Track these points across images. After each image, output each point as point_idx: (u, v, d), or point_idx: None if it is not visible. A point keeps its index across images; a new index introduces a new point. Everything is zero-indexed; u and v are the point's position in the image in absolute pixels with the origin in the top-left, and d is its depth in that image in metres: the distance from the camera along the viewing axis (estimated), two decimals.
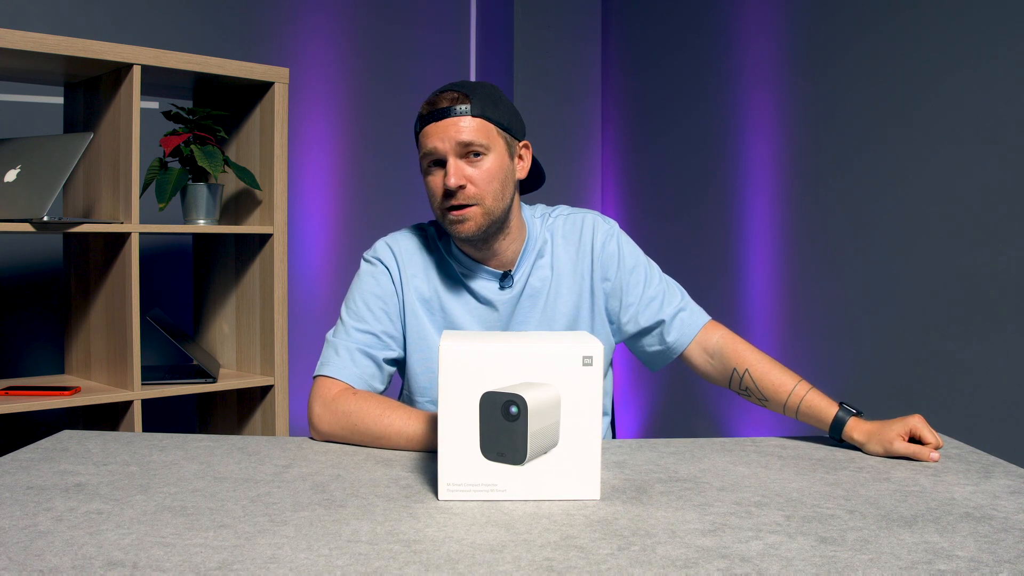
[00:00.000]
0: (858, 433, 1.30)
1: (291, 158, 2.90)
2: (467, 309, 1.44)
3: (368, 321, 1.41)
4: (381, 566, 0.83)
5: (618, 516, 0.99)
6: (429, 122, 1.35)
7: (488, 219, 1.36)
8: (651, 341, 1.47)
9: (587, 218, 1.49)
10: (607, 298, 1.47)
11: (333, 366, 1.38)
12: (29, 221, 1.90)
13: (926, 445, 1.26)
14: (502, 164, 1.37)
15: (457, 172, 1.33)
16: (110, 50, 2.00)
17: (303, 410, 3.01)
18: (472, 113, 1.34)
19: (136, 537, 0.89)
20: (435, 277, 1.44)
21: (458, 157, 1.34)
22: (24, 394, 2.01)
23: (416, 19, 3.34)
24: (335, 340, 1.40)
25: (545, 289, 1.45)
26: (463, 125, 1.33)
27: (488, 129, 1.35)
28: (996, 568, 0.84)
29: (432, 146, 1.35)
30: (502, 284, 1.44)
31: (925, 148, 2.19)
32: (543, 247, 1.46)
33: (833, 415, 1.32)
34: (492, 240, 1.40)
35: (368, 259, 1.46)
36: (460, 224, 1.35)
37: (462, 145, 1.33)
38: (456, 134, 1.33)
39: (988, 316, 2.03)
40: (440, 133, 1.34)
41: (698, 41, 3.05)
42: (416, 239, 1.47)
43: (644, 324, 1.46)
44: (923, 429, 1.26)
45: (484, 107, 1.35)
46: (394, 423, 1.28)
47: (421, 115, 1.38)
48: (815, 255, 2.55)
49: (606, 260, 1.46)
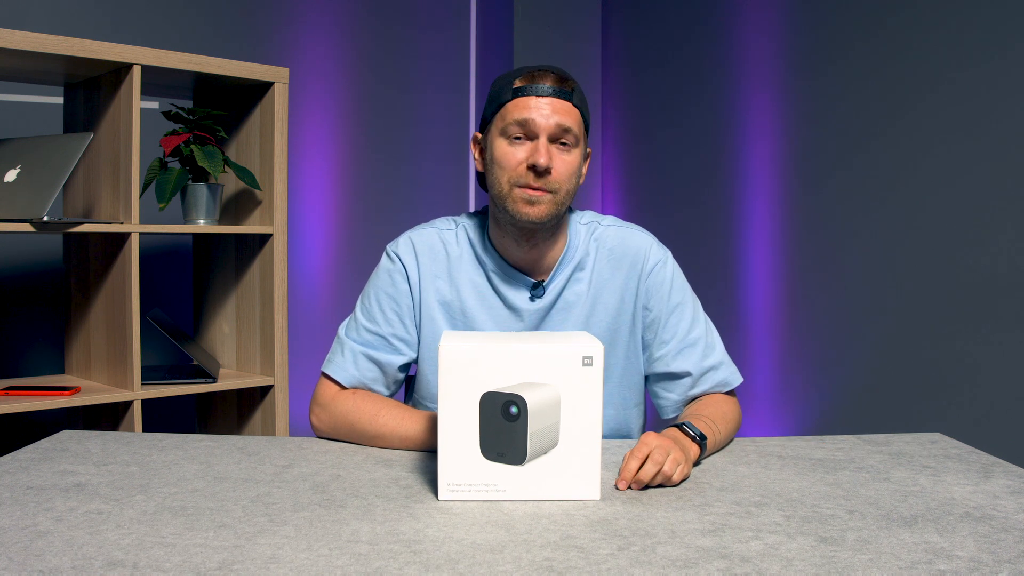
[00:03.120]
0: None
1: (291, 158, 2.90)
2: (491, 315, 1.36)
3: (378, 322, 1.37)
4: (381, 566, 0.83)
5: (618, 516, 0.99)
6: (530, 94, 1.26)
7: (557, 211, 1.28)
8: (672, 388, 1.39)
9: (641, 238, 1.40)
10: (645, 328, 1.39)
11: (336, 366, 1.37)
12: (29, 221, 1.90)
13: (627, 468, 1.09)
14: (578, 162, 1.31)
15: (548, 152, 1.25)
16: (110, 50, 2.00)
17: (303, 410, 3.01)
18: (574, 102, 1.28)
19: (136, 537, 0.89)
20: (459, 278, 1.37)
21: (551, 140, 1.27)
22: (24, 394, 2.01)
23: (416, 19, 3.34)
24: (344, 337, 1.39)
25: (579, 304, 1.37)
26: (566, 110, 1.27)
27: (581, 122, 1.30)
28: (996, 568, 0.83)
29: (529, 117, 1.26)
30: (533, 294, 1.36)
31: (925, 147, 2.19)
32: (584, 259, 1.38)
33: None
34: (540, 235, 1.33)
35: (389, 254, 1.40)
36: (532, 205, 1.26)
37: (561, 129, 1.26)
38: (558, 116, 1.26)
39: (988, 316, 2.03)
40: (543, 108, 1.26)
41: (698, 41, 3.05)
42: (444, 235, 1.39)
43: (675, 369, 1.37)
44: (633, 452, 1.10)
45: (582, 102, 1.30)
46: (388, 423, 1.28)
47: (519, 85, 1.28)
48: (815, 254, 2.55)
49: (652, 287, 1.38)
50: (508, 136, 1.28)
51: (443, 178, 3.42)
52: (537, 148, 1.26)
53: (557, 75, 1.29)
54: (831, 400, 2.48)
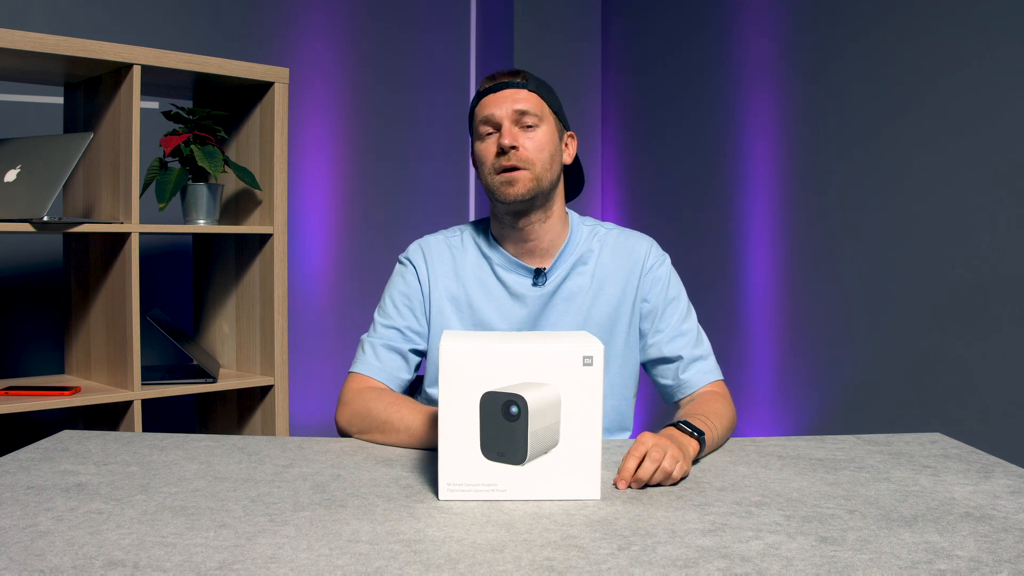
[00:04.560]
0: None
1: (291, 158, 2.90)
2: (496, 306, 1.46)
3: (393, 317, 1.48)
4: (381, 566, 0.83)
5: (618, 516, 0.99)
6: (488, 94, 1.43)
7: (536, 185, 1.39)
8: (665, 373, 1.48)
9: (643, 240, 1.53)
10: (642, 318, 1.49)
11: (360, 363, 1.46)
12: (29, 221, 1.90)
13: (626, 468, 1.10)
14: (552, 138, 1.43)
15: (511, 134, 1.39)
16: (110, 50, 2.00)
17: (303, 410, 3.02)
18: (528, 88, 1.42)
19: (136, 537, 0.89)
20: (466, 274, 1.48)
21: (513, 124, 1.40)
22: (24, 394, 2.01)
23: (416, 19, 3.34)
24: (366, 339, 1.49)
25: (582, 294, 1.47)
26: (520, 96, 1.41)
27: (542, 104, 1.42)
28: (996, 568, 0.84)
29: (489, 112, 1.41)
30: (535, 280, 1.46)
31: (924, 147, 2.19)
32: (586, 254, 1.49)
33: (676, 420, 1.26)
34: (532, 213, 1.43)
35: (400, 260, 1.53)
36: (510, 186, 1.39)
37: (518, 112, 1.40)
38: (513, 103, 1.40)
39: (988, 316, 2.03)
40: (498, 101, 1.41)
41: (698, 41, 3.05)
42: (449, 240, 1.53)
43: (667, 353, 1.47)
44: (630, 451, 1.11)
45: (539, 87, 1.44)
46: (399, 410, 1.33)
47: (479, 92, 1.45)
48: (815, 255, 2.55)
49: (651, 282, 1.49)
50: (480, 136, 1.44)
51: (443, 178, 3.42)
52: (502, 132, 1.40)
53: (511, 72, 1.44)
54: (831, 400, 2.48)
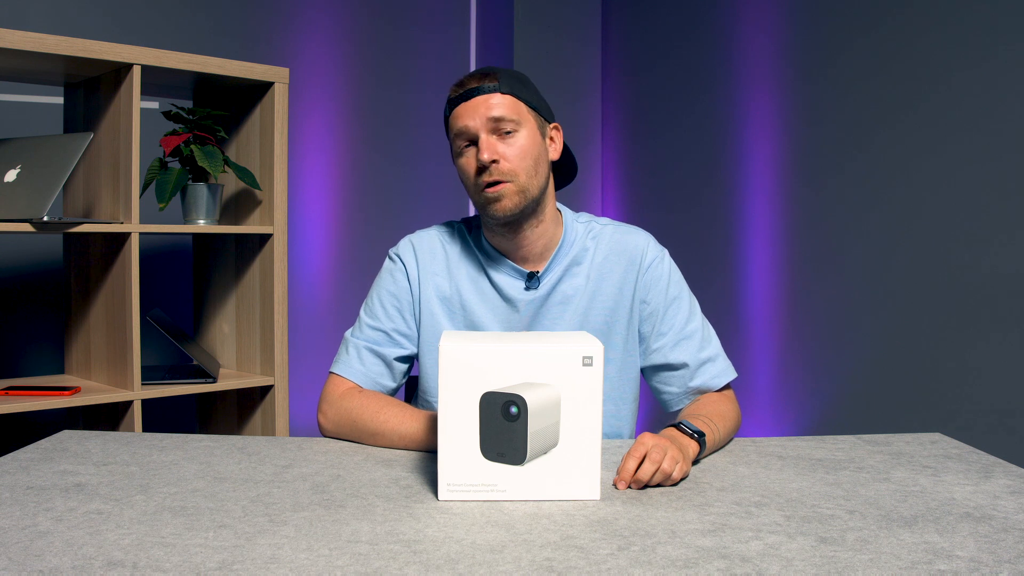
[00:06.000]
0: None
1: (291, 158, 2.90)
2: (489, 308, 1.40)
3: (380, 318, 1.42)
4: (381, 566, 0.83)
5: (618, 516, 0.99)
6: (459, 103, 1.33)
7: (523, 197, 1.32)
8: (670, 380, 1.41)
9: (639, 236, 1.44)
10: (642, 321, 1.42)
11: (342, 364, 1.40)
12: (29, 221, 1.90)
13: (625, 468, 1.09)
14: (534, 141, 1.34)
15: (490, 147, 1.30)
16: (110, 50, 2.00)
17: (303, 410, 3.01)
18: (501, 91, 1.32)
19: (136, 537, 0.89)
20: (458, 274, 1.42)
21: (490, 133, 1.31)
22: (24, 394, 2.01)
23: (416, 19, 3.34)
24: (350, 337, 1.43)
25: (577, 297, 1.40)
26: (493, 102, 1.31)
27: (518, 106, 1.33)
28: (996, 568, 0.83)
29: (463, 124, 1.32)
30: (528, 284, 1.39)
31: (925, 147, 2.19)
32: (580, 254, 1.41)
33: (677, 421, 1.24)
34: (524, 223, 1.36)
35: (390, 256, 1.46)
36: (496, 202, 1.31)
37: (493, 121, 1.31)
38: (487, 110, 1.31)
39: (988, 316, 2.03)
40: (470, 111, 1.32)
41: (698, 41, 3.05)
42: (442, 236, 1.45)
43: (671, 360, 1.40)
44: (630, 452, 1.10)
45: (512, 86, 1.33)
46: (389, 420, 1.28)
47: (450, 99, 1.35)
48: (815, 254, 2.55)
49: (650, 281, 1.41)
50: (459, 151, 1.35)
51: (443, 178, 3.42)
52: (479, 147, 1.31)
53: (479, 74, 1.34)
54: (831, 400, 2.48)
